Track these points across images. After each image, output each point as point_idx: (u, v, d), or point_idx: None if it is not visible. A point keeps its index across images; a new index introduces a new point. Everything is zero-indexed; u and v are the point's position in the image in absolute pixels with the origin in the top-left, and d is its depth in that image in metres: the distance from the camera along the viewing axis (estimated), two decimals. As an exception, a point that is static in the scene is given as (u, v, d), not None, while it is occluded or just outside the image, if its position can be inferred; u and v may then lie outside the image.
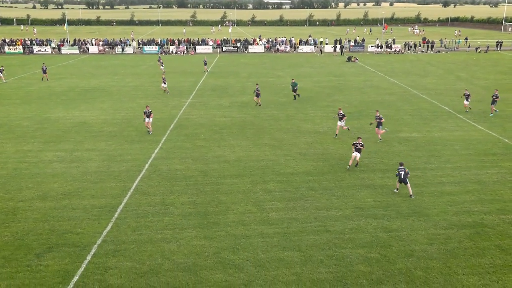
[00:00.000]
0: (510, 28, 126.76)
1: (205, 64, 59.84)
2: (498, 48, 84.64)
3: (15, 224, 18.25)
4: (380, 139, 29.21)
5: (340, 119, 29.55)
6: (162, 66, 59.13)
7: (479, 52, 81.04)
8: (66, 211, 19.37)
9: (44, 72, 52.18)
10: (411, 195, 20.88)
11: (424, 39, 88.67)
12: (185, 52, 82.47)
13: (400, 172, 20.67)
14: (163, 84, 44.17)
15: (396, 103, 40.49)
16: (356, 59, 69.78)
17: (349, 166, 24.31)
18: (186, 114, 36.53)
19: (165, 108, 38.41)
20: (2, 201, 20.33)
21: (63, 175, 23.39)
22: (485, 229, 18.07)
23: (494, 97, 35.53)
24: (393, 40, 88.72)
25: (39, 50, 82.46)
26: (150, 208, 19.69)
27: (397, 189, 21.41)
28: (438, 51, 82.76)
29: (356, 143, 24.15)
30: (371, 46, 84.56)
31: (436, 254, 16.26)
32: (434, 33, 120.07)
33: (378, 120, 28.89)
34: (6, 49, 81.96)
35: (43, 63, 55.01)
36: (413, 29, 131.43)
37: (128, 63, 67.59)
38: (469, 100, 36.27)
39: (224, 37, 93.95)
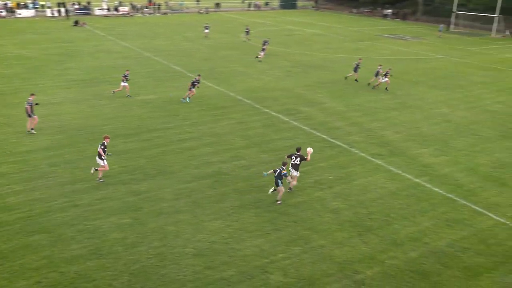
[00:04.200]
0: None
1: None
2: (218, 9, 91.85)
3: None
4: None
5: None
6: None
7: (202, 13, 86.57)
8: None
9: None
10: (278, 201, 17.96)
11: (150, 1, 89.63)
12: None
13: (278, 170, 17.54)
14: None
15: (131, 66, 40.39)
16: (84, 23, 66.65)
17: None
18: None
19: None
20: None
21: None
22: (223, 176, 20.05)
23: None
24: (120, 2, 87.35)
25: None
26: None
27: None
28: (165, 13, 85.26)
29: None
30: (98, 9, 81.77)
31: (184, 207, 17.39)
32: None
33: (194, 82, 30.49)
34: None
35: None
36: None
37: None
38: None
39: None
